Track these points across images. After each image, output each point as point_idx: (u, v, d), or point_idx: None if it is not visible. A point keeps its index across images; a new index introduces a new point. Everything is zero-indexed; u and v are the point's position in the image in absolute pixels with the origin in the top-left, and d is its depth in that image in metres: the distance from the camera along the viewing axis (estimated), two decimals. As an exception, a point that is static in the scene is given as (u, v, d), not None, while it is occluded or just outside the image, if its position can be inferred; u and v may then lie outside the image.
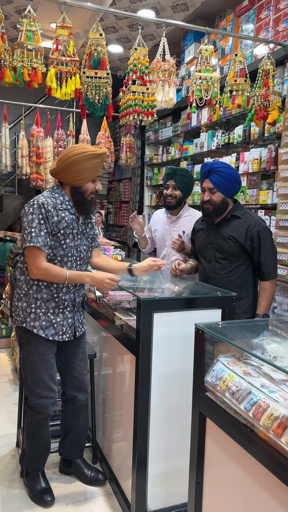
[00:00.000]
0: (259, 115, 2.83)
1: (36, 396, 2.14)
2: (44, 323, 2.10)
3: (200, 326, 1.61)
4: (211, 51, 2.72)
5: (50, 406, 2.17)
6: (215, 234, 2.49)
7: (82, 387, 2.32)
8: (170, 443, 2.06)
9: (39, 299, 2.08)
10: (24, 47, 2.36)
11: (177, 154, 4.93)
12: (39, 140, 5.53)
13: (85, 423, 2.41)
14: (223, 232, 2.45)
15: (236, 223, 2.44)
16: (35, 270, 1.99)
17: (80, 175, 2.04)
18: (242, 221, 2.43)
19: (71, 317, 2.19)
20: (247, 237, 2.38)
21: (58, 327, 2.13)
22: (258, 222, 2.41)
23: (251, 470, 1.31)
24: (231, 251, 2.40)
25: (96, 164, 2.05)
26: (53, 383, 2.16)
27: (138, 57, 2.56)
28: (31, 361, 2.12)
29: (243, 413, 1.33)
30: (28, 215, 1.99)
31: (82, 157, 2.01)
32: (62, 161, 2.04)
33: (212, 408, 1.50)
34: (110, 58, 2.75)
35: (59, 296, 2.11)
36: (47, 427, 2.23)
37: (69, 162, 2.02)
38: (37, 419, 2.17)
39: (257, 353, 1.40)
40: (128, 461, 2.12)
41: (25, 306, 2.10)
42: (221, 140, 3.92)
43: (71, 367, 2.29)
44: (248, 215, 2.46)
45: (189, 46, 4.54)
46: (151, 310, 1.94)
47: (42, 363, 2.12)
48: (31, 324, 2.08)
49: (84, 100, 2.56)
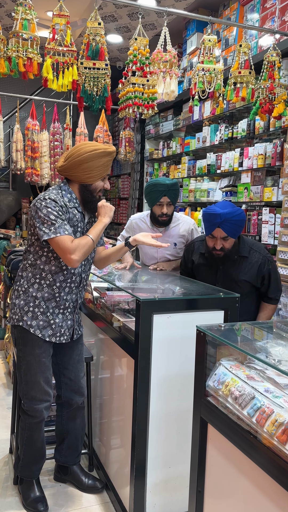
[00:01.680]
0: (264, 108, 2.83)
1: (30, 399, 2.14)
2: (42, 323, 2.10)
3: (201, 328, 1.61)
4: (214, 41, 2.72)
5: (44, 410, 2.17)
6: (222, 275, 2.49)
7: (78, 390, 2.33)
8: (170, 449, 2.06)
9: (38, 297, 2.09)
10: (19, 36, 2.35)
11: (178, 149, 4.93)
12: (35, 133, 5.52)
13: (82, 426, 2.42)
14: (233, 275, 2.46)
15: (244, 264, 2.46)
16: (72, 256, 1.96)
17: (90, 172, 2.06)
18: (250, 261, 2.45)
19: (71, 319, 2.20)
20: (258, 276, 2.46)
21: (56, 328, 2.13)
22: (267, 258, 2.46)
23: (254, 478, 1.32)
24: (242, 291, 2.40)
25: (106, 162, 2.08)
26: (49, 386, 2.17)
27: (138, 48, 2.56)
28: (26, 363, 2.12)
29: (246, 419, 1.33)
30: (42, 209, 1.98)
31: (93, 154, 2.03)
32: (72, 158, 2.05)
33: (214, 413, 1.50)
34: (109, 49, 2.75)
35: (61, 295, 2.12)
36: (41, 432, 2.23)
37: (80, 159, 2.03)
38: (30, 423, 2.18)
39: (261, 356, 1.41)
40: (126, 468, 2.13)
41: (22, 304, 2.10)
42: (225, 135, 3.92)
43: (67, 369, 2.30)
44: (253, 251, 2.47)
45: (192, 36, 4.54)
46: (151, 311, 1.94)
47: (38, 365, 2.12)
48: (28, 323, 2.09)
49: (82, 92, 2.56)
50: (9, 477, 2.50)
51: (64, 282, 2.12)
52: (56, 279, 2.10)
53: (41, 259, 2.08)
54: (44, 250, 2.07)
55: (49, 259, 2.08)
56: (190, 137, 4.66)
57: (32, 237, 2.09)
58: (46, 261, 2.08)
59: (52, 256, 2.08)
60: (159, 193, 2.75)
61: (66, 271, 2.11)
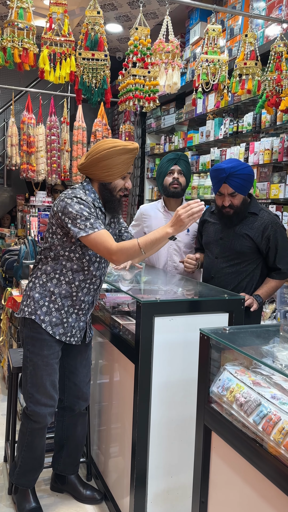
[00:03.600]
0: (270, 101, 2.82)
1: (34, 402, 2.14)
2: (55, 320, 2.12)
3: (205, 332, 1.61)
4: (218, 31, 2.72)
5: (48, 416, 2.17)
6: (227, 229, 2.52)
7: (82, 396, 2.34)
8: (172, 458, 2.06)
9: (55, 293, 2.11)
10: (14, 26, 2.35)
11: (180, 144, 4.92)
12: (31, 127, 5.52)
13: (83, 434, 2.42)
14: (236, 229, 2.48)
15: (251, 220, 2.48)
16: (113, 256, 1.96)
17: (109, 170, 2.07)
18: (259, 219, 2.47)
19: (84, 321, 2.22)
20: (263, 236, 2.43)
21: (68, 327, 2.16)
22: (276, 220, 2.47)
23: (260, 488, 1.32)
24: (242, 250, 2.45)
25: (126, 160, 2.07)
26: (54, 390, 2.18)
27: (139, 38, 2.56)
28: (33, 364, 2.13)
29: (251, 426, 1.33)
30: (74, 205, 1.98)
31: (112, 151, 2.03)
32: (91, 155, 2.07)
33: (218, 421, 1.50)
34: (108, 39, 2.74)
35: (78, 295, 2.14)
36: (43, 438, 2.23)
37: (98, 156, 2.04)
38: (32, 428, 2.18)
39: (268, 361, 1.41)
40: (126, 477, 2.13)
41: (38, 297, 2.12)
42: (229, 129, 3.92)
43: (73, 374, 2.31)
44: (264, 211, 2.51)
45: (195, 26, 4.53)
46: (152, 314, 1.94)
47: (45, 367, 2.13)
48: (41, 318, 2.10)
49: (80, 84, 2.56)
50: (4, 486, 2.51)
51: (84, 282, 2.14)
52: (76, 278, 2.12)
53: (63, 256, 2.10)
54: (66, 249, 2.09)
55: (71, 258, 2.10)
56: (193, 131, 4.66)
57: (53, 236, 2.10)
58: (68, 259, 2.11)
59: (74, 257, 2.10)
60: (170, 162, 2.84)
61: (87, 271, 2.13)
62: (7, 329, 3.75)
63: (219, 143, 4.30)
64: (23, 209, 6.53)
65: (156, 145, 5.59)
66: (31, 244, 4.00)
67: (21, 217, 6.52)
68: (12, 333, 3.52)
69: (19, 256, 3.96)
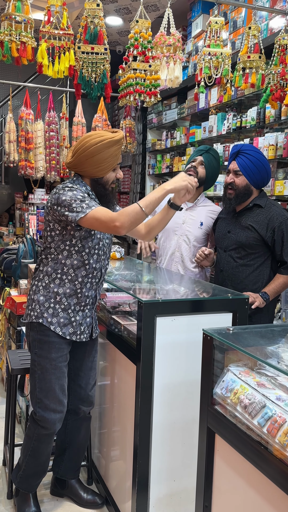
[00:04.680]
0: (275, 95, 2.82)
1: (43, 408, 2.14)
2: (63, 320, 2.13)
3: (208, 332, 1.61)
4: (221, 23, 2.72)
5: (57, 422, 2.17)
6: (234, 222, 2.59)
7: (88, 399, 2.34)
8: (175, 462, 2.06)
9: (60, 293, 2.12)
10: (12, 19, 2.35)
11: (182, 139, 4.92)
12: (29, 123, 5.52)
13: (86, 438, 2.42)
14: (242, 221, 2.55)
15: (257, 212, 2.53)
16: (116, 222, 1.93)
17: (100, 165, 2.07)
18: (265, 211, 2.52)
19: (90, 316, 2.23)
20: (268, 228, 2.47)
21: (76, 326, 2.16)
22: (282, 213, 2.51)
23: (265, 492, 1.32)
24: (248, 242, 2.49)
25: (115, 152, 2.07)
26: (63, 395, 2.18)
27: (140, 31, 2.55)
28: (41, 367, 2.13)
29: (256, 429, 1.33)
30: (66, 193, 2.00)
31: (100, 146, 2.03)
32: (79, 153, 2.07)
33: (222, 423, 1.50)
34: (108, 32, 2.74)
35: (82, 291, 2.15)
36: (50, 445, 2.23)
37: (87, 153, 2.04)
38: (39, 434, 2.18)
39: (272, 362, 1.41)
40: (128, 481, 2.13)
41: (43, 300, 2.12)
42: (233, 124, 3.92)
43: (79, 376, 2.31)
44: (271, 205, 2.55)
45: (197, 18, 4.53)
46: (154, 314, 1.94)
47: (54, 370, 2.13)
48: (48, 320, 2.11)
49: (79, 79, 2.56)
50: (3, 491, 2.51)
51: (86, 277, 2.15)
52: (78, 274, 2.13)
53: (62, 253, 2.11)
54: (66, 243, 2.10)
55: (70, 253, 2.11)
56: (196, 126, 4.66)
57: (52, 233, 2.11)
58: (68, 255, 2.11)
59: (74, 250, 2.11)
60: (196, 153, 2.91)
61: (88, 265, 2.14)
62: (6, 330, 3.76)
63: (222, 138, 4.29)
64: (21, 207, 6.54)
65: (157, 141, 5.59)
66: (29, 243, 4.00)
67: (20, 215, 6.53)
68: (11, 334, 3.53)
69: (17, 255, 3.97)
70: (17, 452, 2.78)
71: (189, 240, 2.85)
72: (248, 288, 2.51)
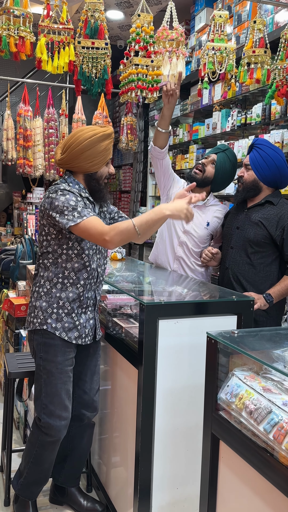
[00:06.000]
0: (281, 91, 2.82)
1: (48, 414, 2.14)
2: (67, 325, 2.14)
3: (212, 335, 1.61)
4: (225, 17, 2.72)
5: (62, 429, 2.17)
6: (244, 218, 2.58)
7: (92, 404, 2.34)
8: (178, 469, 2.06)
9: (62, 298, 2.13)
10: (10, 13, 2.35)
11: (185, 137, 4.92)
12: (27, 120, 5.53)
13: (88, 446, 2.42)
14: (252, 216, 2.54)
15: (268, 209, 2.53)
16: (106, 237, 1.96)
17: (93, 160, 2.10)
18: (276, 208, 2.51)
19: (92, 318, 2.25)
20: (278, 226, 2.46)
21: (81, 329, 2.18)
22: None
23: (271, 500, 1.31)
24: (256, 239, 2.48)
25: (108, 145, 2.12)
26: (69, 401, 2.18)
27: (142, 25, 2.55)
28: (47, 372, 2.14)
29: (262, 435, 1.33)
30: (59, 197, 2.03)
31: (94, 140, 2.07)
32: (71, 148, 2.09)
33: (226, 429, 1.50)
34: (109, 26, 2.74)
35: (84, 294, 2.17)
36: (53, 453, 2.22)
37: (81, 148, 2.07)
38: (43, 441, 2.17)
39: (279, 366, 1.40)
40: (129, 489, 2.13)
41: (45, 306, 2.13)
42: (237, 121, 3.92)
43: (82, 381, 2.31)
44: (284, 203, 2.54)
45: (200, 12, 4.53)
46: (156, 316, 1.94)
47: (60, 374, 2.14)
48: (53, 326, 2.12)
49: (79, 74, 2.56)
50: (0, 498, 2.51)
51: (88, 279, 2.17)
52: (80, 277, 2.14)
53: (61, 257, 2.12)
54: (63, 247, 2.11)
55: (69, 256, 2.12)
56: (199, 123, 4.66)
57: (47, 237, 2.13)
58: (67, 259, 2.12)
59: (73, 253, 2.12)
60: (213, 150, 2.90)
61: (89, 267, 2.16)
62: (3, 333, 3.76)
63: (226, 135, 4.29)
64: (19, 207, 6.55)
65: (159, 138, 5.58)
66: (28, 243, 4.01)
67: (18, 215, 6.53)
68: (9, 337, 3.53)
69: (15, 256, 3.97)
70: (15, 458, 2.78)
71: (193, 239, 2.85)
72: (254, 288, 2.50)
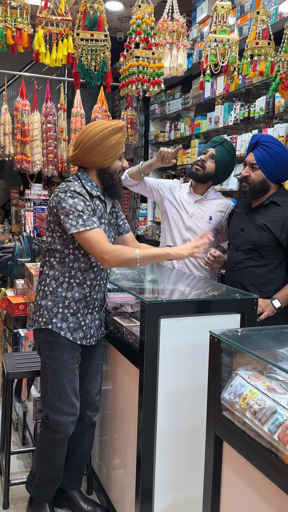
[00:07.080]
0: (285, 84, 2.81)
1: (56, 411, 2.17)
2: (73, 325, 2.16)
3: (215, 334, 1.61)
4: (228, 8, 2.71)
5: (71, 425, 2.20)
6: (248, 220, 2.55)
7: (94, 403, 2.36)
8: (180, 470, 2.07)
9: (68, 298, 2.15)
10: (7, 5, 2.35)
11: (187, 131, 4.91)
12: (25, 114, 5.52)
13: (90, 445, 2.44)
14: (257, 219, 2.50)
15: (273, 211, 2.48)
16: (105, 255, 2.02)
17: (106, 153, 2.13)
18: (282, 210, 2.46)
19: (98, 318, 2.27)
20: (283, 229, 2.42)
21: (86, 329, 2.20)
22: None
23: (276, 502, 1.32)
24: (261, 242, 2.44)
25: (120, 139, 2.15)
26: (76, 398, 2.21)
27: (142, 16, 2.55)
28: (53, 370, 2.17)
29: (266, 436, 1.33)
30: (67, 199, 2.05)
31: (105, 133, 2.10)
32: (83, 143, 2.12)
33: (230, 430, 1.50)
34: (108, 17, 2.74)
35: (91, 295, 2.19)
36: (64, 450, 2.26)
37: (93, 141, 2.10)
38: (53, 439, 2.21)
39: (283, 365, 1.40)
40: (131, 491, 2.13)
41: (51, 306, 2.15)
42: (240, 114, 3.91)
43: (85, 379, 2.33)
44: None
45: (202, 3, 4.52)
46: (158, 315, 1.94)
47: (66, 372, 2.17)
48: (58, 325, 2.14)
49: (78, 67, 2.56)
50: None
51: (95, 280, 2.19)
52: (86, 277, 2.16)
53: (68, 257, 2.15)
54: (69, 247, 2.13)
55: (76, 256, 2.15)
56: (201, 117, 4.65)
57: (53, 234, 2.15)
58: (74, 259, 2.15)
59: (80, 253, 2.14)
60: (210, 144, 2.88)
61: (96, 267, 2.18)
62: (1, 333, 3.77)
63: (229, 130, 4.28)
64: (17, 203, 6.54)
65: (160, 132, 5.58)
66: (26, 240, 4.01)
67: (15, 212, 6.53)
68: (7, 336, 3.54)
69: (13, 254, 3.97)
70: (13, 460, 2.79)
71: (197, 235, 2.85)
72: (259, 291, 2.46)
